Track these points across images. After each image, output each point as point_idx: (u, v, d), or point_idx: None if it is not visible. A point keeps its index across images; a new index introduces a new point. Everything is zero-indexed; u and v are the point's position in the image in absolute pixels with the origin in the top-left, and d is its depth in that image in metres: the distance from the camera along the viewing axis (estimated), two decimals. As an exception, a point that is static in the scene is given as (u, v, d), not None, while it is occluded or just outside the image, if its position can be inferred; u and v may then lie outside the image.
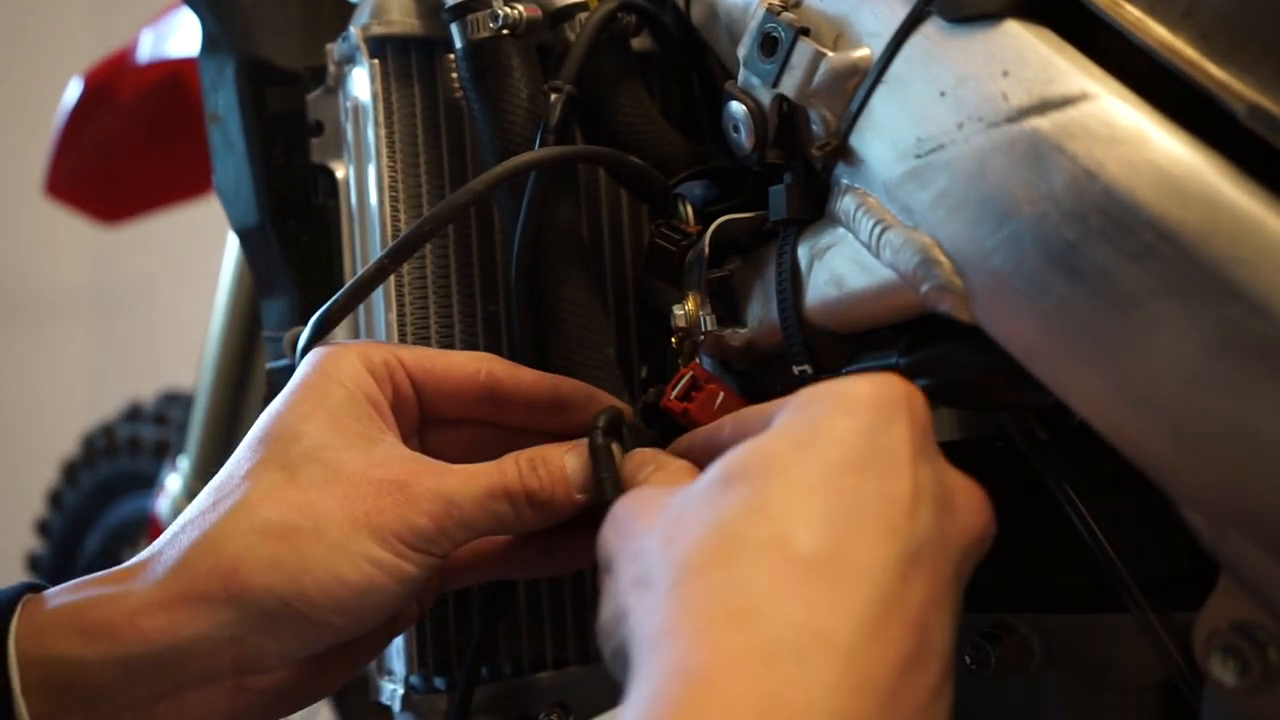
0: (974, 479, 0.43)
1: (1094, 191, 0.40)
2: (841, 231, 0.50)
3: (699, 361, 0.57)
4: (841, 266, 0.49)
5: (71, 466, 1.69)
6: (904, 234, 0.46)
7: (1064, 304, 0.41)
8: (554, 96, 0.59)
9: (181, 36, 1.27)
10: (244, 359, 1.21)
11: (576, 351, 0.58)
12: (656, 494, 0.44)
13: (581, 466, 0.52)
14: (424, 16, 0.62)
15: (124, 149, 1.41)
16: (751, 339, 0.56)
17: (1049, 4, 0.44)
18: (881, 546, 0.38)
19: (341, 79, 0.63)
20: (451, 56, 0.62)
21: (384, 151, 0.61)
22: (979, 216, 0.43)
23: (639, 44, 0.64)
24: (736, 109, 0.52)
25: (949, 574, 0.40)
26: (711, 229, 0.57)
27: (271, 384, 0.66)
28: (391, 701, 0.61)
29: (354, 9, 0.63)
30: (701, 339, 0.56)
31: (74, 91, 1.38)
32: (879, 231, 0.47)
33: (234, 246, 1.18)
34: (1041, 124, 0.41)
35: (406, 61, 0.62)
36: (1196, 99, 0.40)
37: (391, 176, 0.61)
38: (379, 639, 0.55)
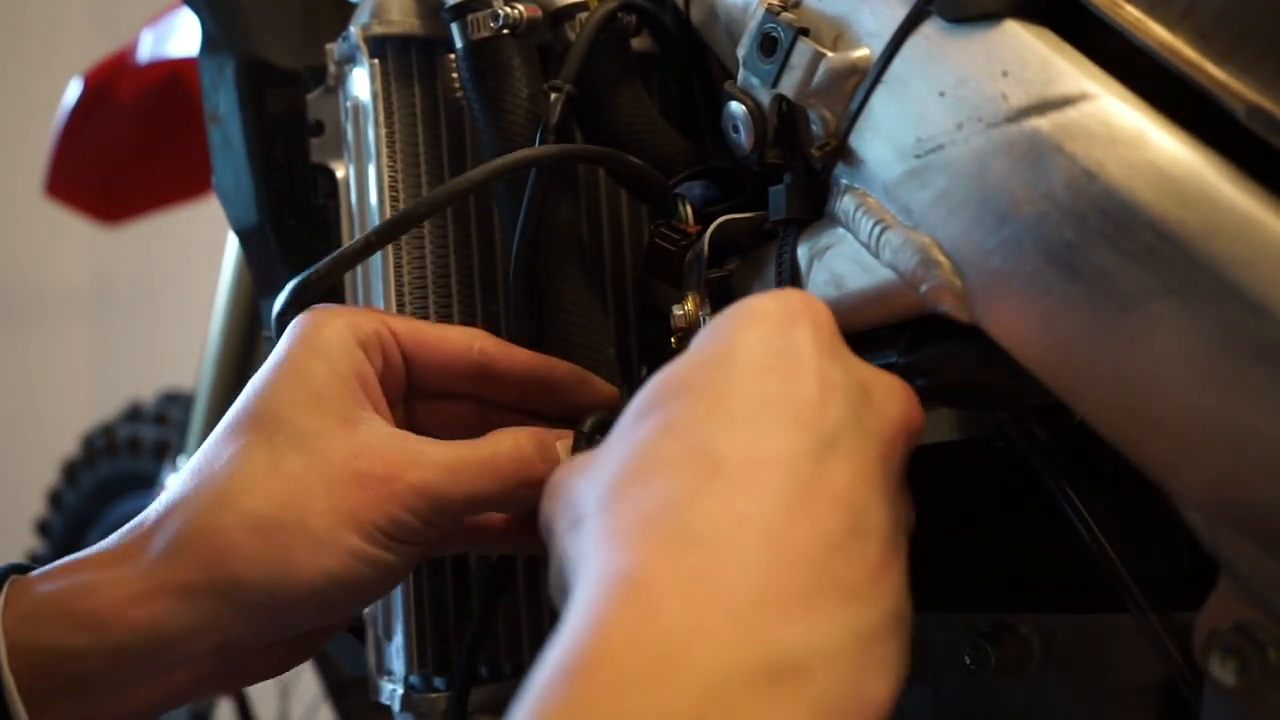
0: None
1: (1094, 192, 0.40)
2: (841, 232, 0.50)
3: (699, 361, 0.57)
4: (841, 266, 0.49)
5: (71, 466, 1.69)
6: (903, 234, 0.46)
7: (1064, 304, 0.41)
8: (554, 96, 0.59)
9: (181, 36, 1.27)
10: (244, 359, 1.21)
11: (576, 351, 0.58)
12: (583, 457, 0.45)
13: (569, 454, 0.52)
14: (424, 16, 0.62)
15: (124, 149, 1.40)
16: (751, 339, 0.55)
17: (1049, 4, 0.44)
18: (792, 438, 0.39)
19: (341, 79, 0.63)
20: (452, 56, 0.62)
21: (384, 151, 0.61)
22: (978, 216, 0.43)
23: (639, 44, 0.64)
24: (736, 109, 0.52)
25: (873, 457, 0.41)
26: (711, 229, 0.56)
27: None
28: (391, 701, 0.61)
29: (354, 9, 0.63)
30: (701, 339, 0.56)
31: (74, 91, 1.37)
32: (878, 231, 0.47)
33: (234, 246, 1.18)
34: (1041, 124, 0.41)
35: (407, 61, 0.62)
36: (1196, 99, 0.40)
37: (391, 176, 0.61)
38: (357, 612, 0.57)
